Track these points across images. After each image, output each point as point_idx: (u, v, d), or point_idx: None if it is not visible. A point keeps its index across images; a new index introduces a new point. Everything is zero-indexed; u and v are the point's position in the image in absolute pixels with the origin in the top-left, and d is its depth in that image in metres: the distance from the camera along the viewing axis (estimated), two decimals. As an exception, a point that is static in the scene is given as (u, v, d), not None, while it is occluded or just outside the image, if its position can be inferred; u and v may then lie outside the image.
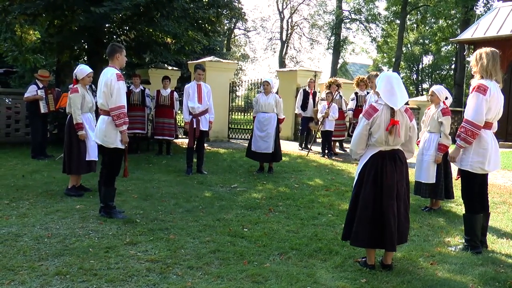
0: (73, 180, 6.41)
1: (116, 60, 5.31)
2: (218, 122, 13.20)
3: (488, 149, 4.38)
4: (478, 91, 4.28)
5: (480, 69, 4.39)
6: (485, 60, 4.36)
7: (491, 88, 4.29)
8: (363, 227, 3.91)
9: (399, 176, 3.93)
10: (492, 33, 14.75)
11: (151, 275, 3.74)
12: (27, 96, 9.39)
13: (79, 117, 6.29)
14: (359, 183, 4.03)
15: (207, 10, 11.64)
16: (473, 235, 4.51)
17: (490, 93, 4.27)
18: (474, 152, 4.39)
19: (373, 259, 4.04)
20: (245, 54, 44.94)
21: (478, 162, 4.39)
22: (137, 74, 11.05)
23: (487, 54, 4.38)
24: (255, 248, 4.45)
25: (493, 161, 4.45)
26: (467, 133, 4.31)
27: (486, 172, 4.50)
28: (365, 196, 3.93)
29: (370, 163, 3.95)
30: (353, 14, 35.36)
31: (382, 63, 39.75)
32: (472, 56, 4.54)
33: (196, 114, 8.05)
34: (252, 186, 7.35)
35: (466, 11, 23.86)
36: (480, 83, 4.32)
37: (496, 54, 4.41)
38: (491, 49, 4.44)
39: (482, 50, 4.47)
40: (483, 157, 4.38)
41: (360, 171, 4.04)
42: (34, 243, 4.37)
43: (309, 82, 11.96)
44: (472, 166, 4.42)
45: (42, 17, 11.35)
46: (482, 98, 4.25)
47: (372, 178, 3.91)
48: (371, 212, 3.89)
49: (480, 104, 4.25)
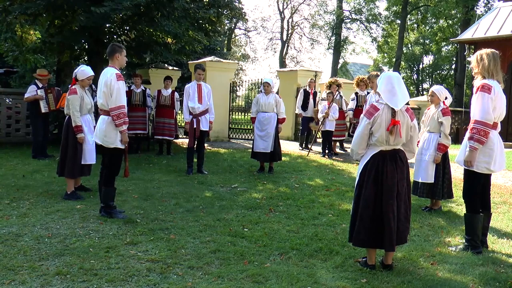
0: (70, 184, 6.22)
1: (116, 60, 5.31)
2: (219, 122, 13.20)
3: (494, 149, 4.38)
4: (483, 91, 4.27)
5: (482, 70, 4.39)
6: (486, 61, 4.37)
7: (495, 87, 4.29)
8: (364, 227, 3.91)
9: (399, 176, 3.93)
10: (492, 33, 14.74)
11: (152, 275, 3.74)
12: (27, 96, 9.39)
13: (78, 119, 6.14)
14: (360, 184, 4.04)
15: (207, 10, 11.64)
16: (474, 235, 4.51)
17: (494, 92, 4.28)
18: (481, 152, 4.36)
19: (373, 259, 4.04)
20: (245, 54, 44.96)
21: (484, 162, 4.38)
22: (139, 74, 11.06)
23: (487, 55, 4.39)
24: (255, 248, 4.45)
25: (498, 161, 4.44)
26: (480, 133, 4.26)
27: (492, 172, 4.50)
28: (366, 196, 3.94)
29: (370, 163, 3.96)
30: (353, 14, 35.35)
31: (382, 63, 39.73)
32: (473, 57, 4.54)
33: (196, 114, 8.06)
34: (252, 186, 7.35)
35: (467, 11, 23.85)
36: (484, 82, 4.32)
37: (496, 55, 4.41)
38: (491, 50, 4.45)
39: (482, 51, 4.47)
40: (489, 157, 4.37)
41: (361, 171, 4.04)
42: (35, 243, 4.37)
43: (310, 82, 11.96)
44: (477, 166, 4.40)
45: (42, 17, 11.36)
46: (488, 97, 4.25)
47: (372, 177, 3.91)
48: (371, 211, 3.90)
49: (487, 102, 4.25)
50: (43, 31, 12.76)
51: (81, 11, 10.36)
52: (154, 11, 10.68)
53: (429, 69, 37.57)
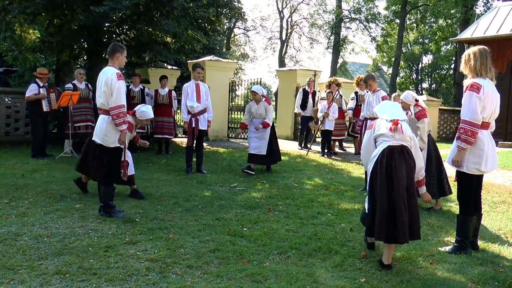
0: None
1: (116, 59, 5.31)
2: (218, 121, 13.21)
3: (484, 150, 4.33)
4: (471, 90, 4.25)
5: (469, 70, 4.36)
6: (473, 61, 4.33)
7: (484, 86, 4.24)
8: (382, 220, 3.96)
9: (408, 169, 4.04)
10: (492, 32, 14.75)
11: (151, 274, 3.74)
12: (28, 95, 9.31)
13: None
14: (372, 179, 4.11)
15: (206, 10, 11.65)
16: (465, 237, 4.50)
17: (483, 92, 4.23)
18: (470, 153, 4.34)
19: (390, 259, 4.05)
20: (244, 54, 44.92)
21: (474, 163, 4.34)
22: (137, 74, 11.04)
23: (474, 54, 4.34)
24: (254, 248, 4.46)
25: (490, 161, 4.39)
26: (467, 133, 4.26)
27: (483, 173, 4.46)
28: (378, 189, 4.02)
29: (380, 158, 4.06)
30: (352, 13, 35.30)
31: (381, 62, 39.68)
32: (462, 57, 4.50)
33: (195, 113, 8.06)
34: (251, 186, 7.35)
35: (466, 10, 23.84)
36: (473, 81, 4.28)
37: (484, 51, 4.34)
38: (479, 47, 4.39)
39: (470, 50, 4.43)
40: (479, 158, 4.33)
41: (372, 169, 4.12)
42: (34, 242, 4.37)
43: (309, 82, 11.96)
44: (468, 167, 4.37)
45: (41, 16, 11.34)
46: (476, 96, 4.21)
47: (384, 171, 4.01)
48: (385, 204, 3.96)
49: (475, 102, 4.22)
50: (43, 30, 12.76)
51: (81, 10, 10.35)
52: (153, 10, 10.69)
53: (429, 68, 37.51)
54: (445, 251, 4.53)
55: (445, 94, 34.85)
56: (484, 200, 6.60)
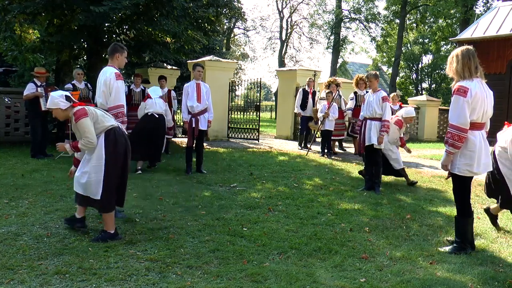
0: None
1: (116, 59, 5.30)
2: (218, 121, 13.20)
3: (475, 151, 4.30)
4: (458, 94, 4.22)
5: (454, 73, 4.33)
6: (455, 63, 4.30)
7: (471, 89, 4.20)
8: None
9: None
10: (491, 32, 14.76)
11: (151, 274, 3.74)
12: (26, 94, 9.34)
13: None
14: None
15: (206, 10, 11.65)
16: (464, 238, 4.50)
17: (471, 94, 4.19)
18: (461, 155, 4.33)
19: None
20: (244, 54, 44.96)
21: (465, 165, 4.32)
22: (139, 74, 11.04)
23: (457, 56, 4.32)
24: (254, 248, 4.45)
25: (482, 163, 4.36)
26: (454, 138, 4.24)
27: (475, 174, 4.43)
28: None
29: None
30: (352, 13, 35.35)
31: (381, 62, 39.75)
32: (447, 60, 4.47)
33: (195, 114, 8.05)
34: (251, 186, 7.35)
35: (466, 10, 23.87)
36: (459, 85, 4.24)
37: (468, 51, 4.30)
38: (461, 48, 4.35)
39: (453, 52, 4.40)
40: (471, 159, 4.31)
41: None
42: (34, 242, 4.37)
43: (309, 82, 11.97)
44: (459, 169, 4.36)
45: (41, 16, 11.35)
46: (463, 100, 4.18)
47: None
48: None
49: (462, 106, 4.19)
50: (42, 30, 12.75)
51: (80, 10, 10.35)
52: (153, 10, 10.68)
53: (428, 68, 37.50)
54: (445, 251, 4.53)
55: (445, 94, 34.84)
56: (484, 200, 6.60)
